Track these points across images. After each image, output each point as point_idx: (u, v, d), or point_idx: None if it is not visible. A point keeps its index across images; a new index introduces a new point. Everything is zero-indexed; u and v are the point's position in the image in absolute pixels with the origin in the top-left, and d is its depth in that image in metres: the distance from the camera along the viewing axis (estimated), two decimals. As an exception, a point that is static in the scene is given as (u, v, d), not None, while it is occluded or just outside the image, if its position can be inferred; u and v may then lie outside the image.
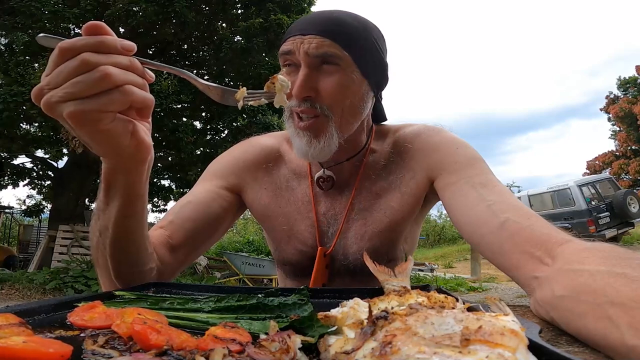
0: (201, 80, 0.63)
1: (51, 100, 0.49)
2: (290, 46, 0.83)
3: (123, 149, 0.57)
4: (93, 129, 0.52)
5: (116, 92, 0.50)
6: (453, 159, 0.87)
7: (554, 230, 0.66)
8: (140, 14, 7.88)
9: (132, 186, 0.63)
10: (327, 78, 0.82)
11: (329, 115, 0.83)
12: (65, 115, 0.50)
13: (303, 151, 0.84)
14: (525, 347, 0.26)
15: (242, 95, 0.64)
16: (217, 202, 0.94)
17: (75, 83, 0.48)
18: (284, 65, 0.85)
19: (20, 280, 7.48)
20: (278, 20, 8.38)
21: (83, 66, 0.48)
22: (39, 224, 14.93)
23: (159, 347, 0.33)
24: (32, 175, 12.24)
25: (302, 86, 0.80)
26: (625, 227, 11.81)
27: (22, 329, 0.37)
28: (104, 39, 0.51)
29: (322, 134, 0.83)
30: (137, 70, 0.53)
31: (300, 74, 0.81)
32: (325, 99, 0.82)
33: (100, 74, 0.48)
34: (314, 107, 0.82)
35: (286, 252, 0.97)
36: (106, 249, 0.70)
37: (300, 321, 0.41)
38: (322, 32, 0.82)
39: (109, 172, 0.62)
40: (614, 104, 26.70)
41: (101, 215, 0.67)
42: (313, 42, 0.80)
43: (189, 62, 10.02)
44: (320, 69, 0.82)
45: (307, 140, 0.83)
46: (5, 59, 8.89)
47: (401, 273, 0.63)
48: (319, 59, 0.81)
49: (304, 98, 0.81)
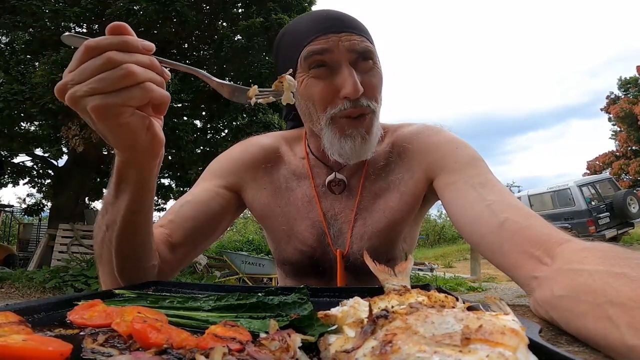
0: (214, 78, 0.65)
1: (76, 94, 0.52)
2: (325, 44, 0.81)
3: (139, 143, 0.59)
4: (113, 123, 0.55)
5: (137, 89, 0.53)
6: (452, 159, 0.87)
7: (553, 230, 0.66)
8: (141, 13, 7.87)
9: (143, 180, 0.66)
10: (369, 74, 0.83)
11: (375, 110, 0.84)
12: (89, 109, 0.52)
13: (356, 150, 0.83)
14: (526, 347, 0.26)
15: (254, 93, 0.66)
16: (216, 202, 0.94)
17: (100, 79, 0.51)
18: (312, 66, 0.82)
19: (20, 279, 7.48)
20: (279, 20, 8.37)
21: (108, 64, 0.51)
22: (39, 222, 14.94)
23: (158, 346, 0.33)
24: (32, 174, 12.23)
25: (357, 84, 0.78)
26: (625, 228, 11.80)
27: (22, 327, 0.37)
28: (127, 38, 0.54)
29: (371, 129, 0.84)
30: (157, 69, 0.56)
31: (348, 73, 0.79)
32: (372, 94, 0.83)
33: (124, 71, 0.51)
34: (368, 105, 0.82)
35: (286, 252, 0.97)
36: (112, 243, 0.71)
37: (301, 320, 0.41)
38: (354, 29, 0.82)
39: (122, 165, 0.64)
40: (615, 104, 26.69)
41: (109, 209, 0.69)
42: (351, 39, 0.80)
43: (190, 61, 10.00)
44: (358, 67, 0.82)
45: (361, 138, 0.82)
46: (6, 57, 8.89)
47: (401, 272, 0.63)
48: (360, 55, 0.81)
49: (357, 96, 0.80)
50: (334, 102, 0.82)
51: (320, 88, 0.82)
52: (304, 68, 0.83)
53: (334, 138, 0.83)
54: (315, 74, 0.82)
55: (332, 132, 0.83)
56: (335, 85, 0.81)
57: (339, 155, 0.85)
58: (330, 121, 0.83)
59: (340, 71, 0.80)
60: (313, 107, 0.84)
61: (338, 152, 0.84)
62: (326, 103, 0.82)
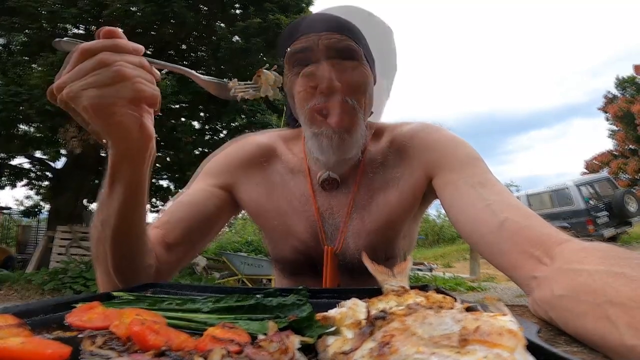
0: (202, 76, 0.69)
1: (70, 94, 0.56)
2: (305, 43, 0.82)
3: (132, 137, 0.62)
4: (109, 120, 0.59)
5: (128, 85, 0.57)
6: (452, 158, 0.87)
7: (553, 230, 0.66)
8: (139, 14, 7.87)
9: (136, 176, 0.68)
10: (350, 71, 0.83)
11: (356, 107, 0.83)
12: (86, 104, 0.56)
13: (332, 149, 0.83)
14: (524, 347, 0.26)
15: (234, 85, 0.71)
16: (211, 202, 0.94)
17: (93, 77, 0.56)
18: (295, 65, 0.84)
19: (18, 281, 7.46)
20: (276, 21, 8.37)
21: (101, 64, 0.56)
22: (38, 224, 14.89)
23: (157, 348, 0.33)
24: (30, 176, 12.19)
25: (330, 77, 0.79)
26: (623, 227, 11.81)
27: (20, 329, 0.37)
28: (118, 41, 0.58)
29: (353, 127, 0.83)
30: (146, 67, 0.61)
31: (323, 67, 0.81)
32: (352, 92, 0.82)
33: (115, 69, 0.56)
34: (345, 101, 0.81)
35: (282, 250, 0.96)
36: (107, 241, 0.72)
37: (299, 321, 0.41)
38: (335, 29, 0.82)
39: (116, 159, 0.66)
40: (612, 103, 26.73)
41: (104, 207, 0.71)
42: (332, 38, 0.81)
43: (188, 62, 9.99)
44: (341, 64, 0.82)
45: (338, 138, 0.82)
46: (3, 59, 8.88)
47: (400, 273, 0.63)
48: (340, 53, 0.81)
49: (332, 91, 0.80)
50: (312, 97, 0.82)
51: (300, 84, 0.84)
52: (289, 67, 0.86)
53: (313, 136, 0.84)
54: (297, 71, 0.84)
55: (311, 130, 0.84)
56: (314, 83, 0.82)
57: (320, 154, 0.85)
58: (308, 118, 0.84)
59: (318, 67, 0.82)
60: (295, 104, 0.86)
61: (317, 149, 0.85)
62: (305, 98, 0.83)
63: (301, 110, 0.85)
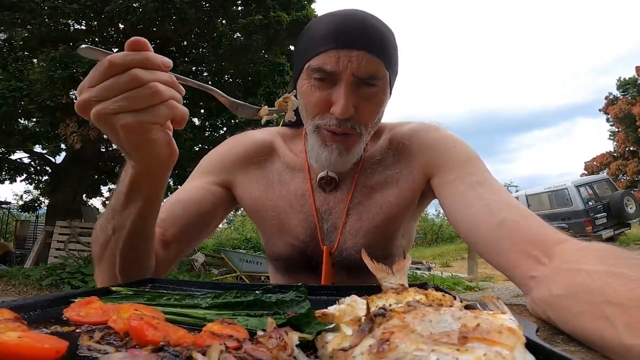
0: (229, 98, 0.69)
1: (104, 112, 0.54)
2: (334, 66, 0.78)
3: (160, 157, 0.62)
4: (142, 139, 0.57)
5: (163, 106, 0.55)
6: (450, 157, 0.87)
7: (551, 230, 0.66)
8: (140, 10, 7.84)
9: (155, 189, 0.68)
10: (367, 100, 0.82)
11: (362, 133, 0.84)
12: (119, 126, 0.54)
13: (331, 162, 0.84)
14: (523, 346, 0.26)
15: (264, 113, 0.73)
16: (207, 199, 0.94)
17: (128, 97, 0.53)
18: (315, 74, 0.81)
19: (16, 276, 7.46)
20: (277, 18, 8.36)
21: (134, 82, 0.53)
22: (36, 219, 14.88)
23: (155, 343, 0.33)
24: (29, 171, 12.17)
25: (347, 107, 0.78)
26: (622, 228, 11.83)
27: (18, 324, 0.36)
28: (149, 55, 0.55)
29: (353, 148, 0.84)
30: (176, 86, 0.58)
31: (342, 94, 0.78)
32: (362, 119, 0.82)
33: (151, 90, 0.53)
34: (353, 127, 0.82)
35: (277, 247, 0.96)
36: (118, 246, 0.73)
37: (298, 318, 0.41)
38: (371, 49, 0.78)
39: (137, 176, 0.65)
40: (613, 104, 26.73)
41: (117, 214, 0.71)
42: (362, 62, 0.78)
43: (188, 59, 9.98)
44: (359, 90, 0.80)
45: (338, 153, 0.83)
46: (4, 54, 8.85)
47: (399, 271, 0.63)
48: (365, 80, 0.79)
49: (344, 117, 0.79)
50: (323, 114, 0.82)
51: (315, 98, 0.82)
52: (308, 73, 0.82)
53: (315, 145, 0.85)
54: (316, 83, 0.82)
55: (315, 139, 0.85)
56: (329, 100, 0.81)
57: (315, 161, 0.87)
58: (315, 129, 0.84)
59: (337, 88, 0.80)
60: (305, 111, 0.85)
61: (315, 158, 0.86)
62: (317, 112, 0.83)
63: (310, 120, 0.84)
